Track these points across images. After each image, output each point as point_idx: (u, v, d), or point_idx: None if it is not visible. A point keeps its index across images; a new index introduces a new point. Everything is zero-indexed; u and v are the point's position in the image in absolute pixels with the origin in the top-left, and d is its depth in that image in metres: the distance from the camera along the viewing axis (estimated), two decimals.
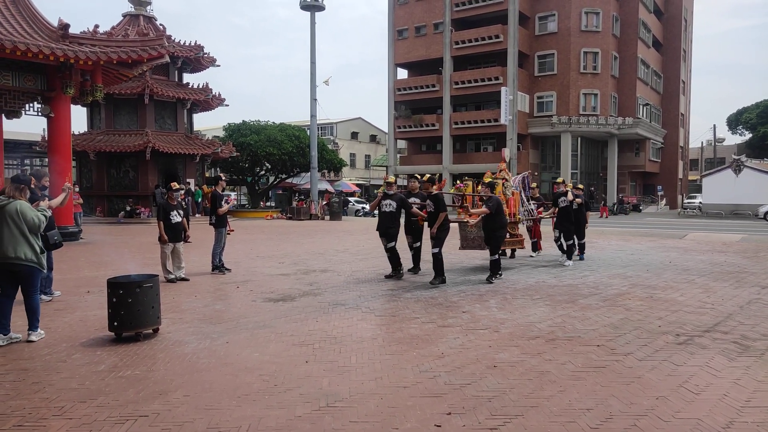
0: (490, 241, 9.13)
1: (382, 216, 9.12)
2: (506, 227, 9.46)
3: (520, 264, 11.21)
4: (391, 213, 9.03)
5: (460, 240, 10.63)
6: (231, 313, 6.75)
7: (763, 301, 7.44)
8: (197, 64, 29.98)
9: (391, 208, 9.03)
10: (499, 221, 9.07)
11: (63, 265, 10.57)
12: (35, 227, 5.43)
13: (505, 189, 10.75)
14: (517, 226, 11.41)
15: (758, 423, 3.54)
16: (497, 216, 8.98)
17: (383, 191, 9.32)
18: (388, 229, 9.11)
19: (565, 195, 10.99)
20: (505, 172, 11.17)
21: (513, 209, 10.98)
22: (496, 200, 9.07)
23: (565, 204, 10.95)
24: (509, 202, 10.80)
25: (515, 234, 11.22)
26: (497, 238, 9.07)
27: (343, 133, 61.90)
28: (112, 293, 5.40)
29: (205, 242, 13.47)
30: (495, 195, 9.37)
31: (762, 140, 54.69)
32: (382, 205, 9.10)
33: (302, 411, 3.73)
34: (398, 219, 9.09)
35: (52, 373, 4.52)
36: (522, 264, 11.22)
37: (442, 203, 8.76)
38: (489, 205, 8.99)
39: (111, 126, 27.32)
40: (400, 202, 9.05)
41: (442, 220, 8.62)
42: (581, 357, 4.91)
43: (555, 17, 42.63)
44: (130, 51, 16.02)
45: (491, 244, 9.13)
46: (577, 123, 41.26)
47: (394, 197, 9.10)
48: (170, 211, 9.03)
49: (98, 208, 27.04)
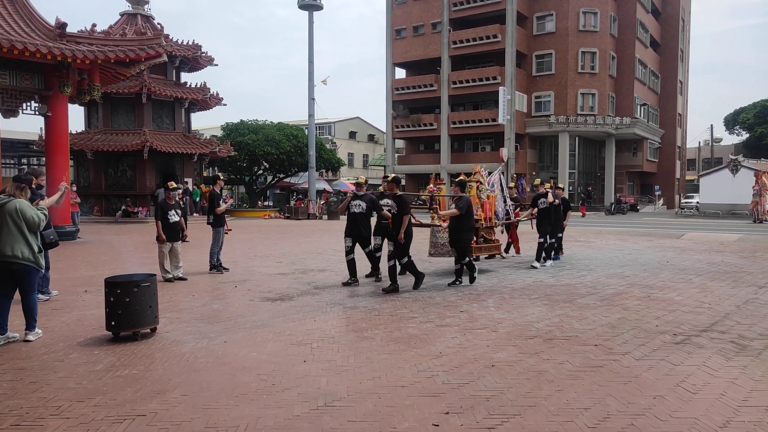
0: (456, 245, 8.50)
1: (352, 218, 8.62)
2: (473, 230, 8.80)
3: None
4: (362, 214, 8.54)
5: (430, 247, 10.29)
6: (229, 312, 6.74)
7: (760, 300, 7.46)
8: (195, 63, 29.96)
9: (360, 209, 8.53)
10: (467, 223, 8.46)
11: (60, 265, 10.55)
12: (35, 226, 5.42)
13: (479, 192, 10.16)
14: (494, 231, 10.64)
15: (755, 422, 3.55)
16: (466, 218, 8.39)
17: (353, 192, 8.91)
18: (359, 232, 8.61)
19: (545, 196, 10.53)
20: (480, 174, 10.45)
21: (489, 213, 10.28)
22: (466, 200, 8.51)
23: (545, 206, 10.53)
24: (484, 206, 10.19)
25: (491, 239, 10.44)
26: (463, 241, 8.44)
27: (341, 132, 61.87)
28: (109, 292, 5.39)
29: (202, 242, 13.46)
30: (465, 195, 8.80)
31: (759, 140, 54.83)
32: (352, 206, 8.62)
33: (300, 410, 3.73)
34: (369, 221, 8.61)
35: (49, 373, 4.51)
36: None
37: (406, 205, 8.11)
38: (459, 205, 8.40)
39: (108, 125, 27.29)
40: (370, 203, 8.53)
41: (406, 223, 7.97)
42: (579, 356, 4.92)
43: (553, 17, 42.68)
44: (128, 50, 16.00)
45: (457, 248, 8.52)
46: (574, 123, 41.31)
47: (364, 198, 8.63)
48: (168, 211, 9.02)
49: (96, 207, 27.01)
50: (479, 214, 9.87)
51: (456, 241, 8.47)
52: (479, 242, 9.97)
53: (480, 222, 9.88)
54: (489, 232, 10.38)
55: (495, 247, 10.55)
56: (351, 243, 8.62)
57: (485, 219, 10.11)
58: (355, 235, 8.62)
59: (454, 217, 8.40)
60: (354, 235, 8.62)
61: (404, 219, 7.95)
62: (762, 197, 28.20)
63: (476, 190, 10.03)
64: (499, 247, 10.69)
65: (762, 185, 28.45)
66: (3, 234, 5.28)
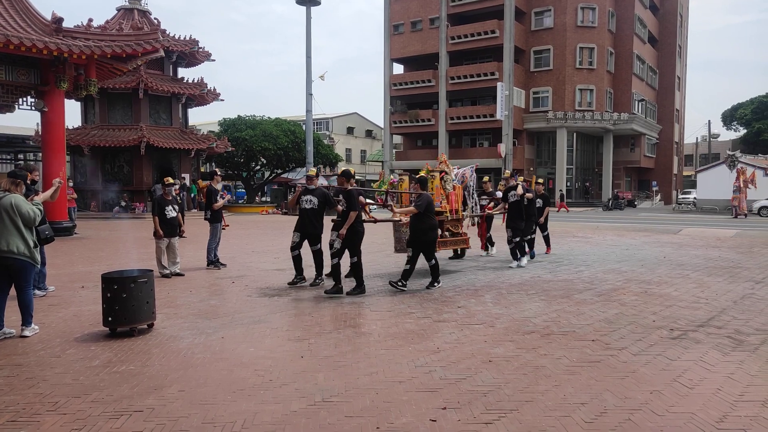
0: (416, 245, 7.82)
1: (302, 213, 8.02)
2: (437, 228, 8.16)
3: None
4: (312, 210, 7.95)
5: (395, 242, 9.84)
6: (226, 308, 6.73)
7: (757, 296, 7.48)
8: (192, 58, 29.86)
9: (312, 205, 7.94)
10: (428, 222, 7.80)
11: (57, 260, 10.53)
12: (30, 221, 5.41)
13: (444, 183, 9.52)
14: (460, 224, 9.98)
15: (751, 417, 3.56)
16: (426, 216, 7.76)
17: (303, 185, 8.29)
18: (309, 230, 7.99)
19: (515, 189, 10.05)
20: (445, 164, 9.83)
21: (455, 205, 9.70)
22: (425, 198, 7.87)
23: (515, 199, 9.99)
24: (450, 197, 9.58)
25: (458, 233, 9.85)
26: (426, 242, 7.83)
27: (338, 128, 61.79)
28: (106, 288, 5.37)
29: (200, 237, 13.44)
30: (426, 192, 8.19)
31: (756, 136, 54.89)
32: (302, 201, 8.03)
33: (298, 406, 3.73)
34: (321, 217, 8.06)
35: (46, 369, 4.50)
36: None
37: (354, 201, 7.47)
38: (417, 203, 7.81)
39: (105, 121, 27.20)
40: (322, 198, 7.98)
41: (352, 220, 7.36)
42: (576, 352, 4.92)
43: (551, 13, 42.62)
44: (125, 45, 15.92)
45: (422, 249, 7.86)
46: (572, 118, 41.32)
47: (315, 192, 8.02)
48: (165, 206, 8.99)
49: (92, 203, 26.94)
50: (443, 206, 9.32)
51: (416, 242, 7.81)
52: (444, 236, 9.44)
53: (445, 214, 9.36)
54: (455, 225, 9.79)
55: (462, 240, 9.96)
56: (298, 239, 8.06)
57: (451, 211, 9.55)
58: (303, 231, 8.05)
59: (414, 216, 7.84)
60: (302, 231, 8.06)
61: (350, 215, 7.36)
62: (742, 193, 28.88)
63: (440, 181, 9.44)
64: (467, 241, 10.08)
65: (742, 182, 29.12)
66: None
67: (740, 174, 29.94)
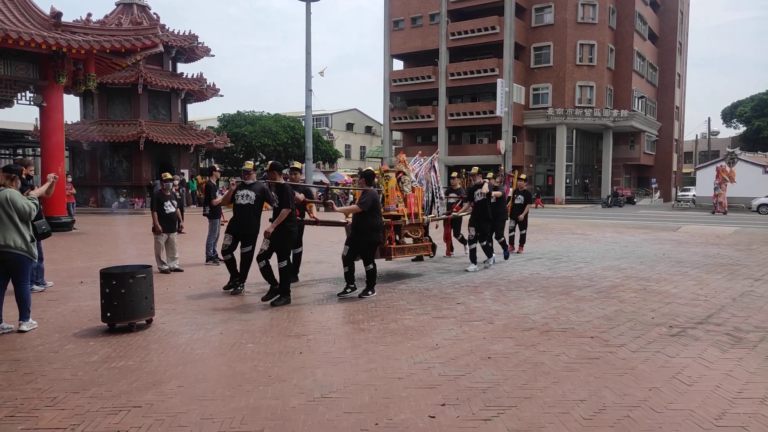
0: (354, 245, 7.10)
1: (237, 210, 7.23)
2: (380, 229, 7.35)
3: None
4: (248, 207, 7.18)
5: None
6: (225, 303, 6.73)
7: (756, 293, 7.49)
8: (191, 53, 29.76)
9: (248, 201, 7.18)
10: (371, 222, 7.03)
11: (56, 256, 10.52)
12: (26, 215, 5.39)
13: (402, 184, 8.75)
14: (421, 228, 9.02)
15: (750, 414, 3.56)
16: (370, 215, 7.01)
17: (238, 180, 7.53)
18: (244, 229, 7.21)
19: (481, 187, 9.37)
20: (404, 164, 9.11)
21: (414, 208, 8.82)
22: (370, 195, 7.09)
23: (481, 198, 9.33)
24: (408, 199, 8.78)
25: (419, 238, 8.94)
26: (366, 243, 7.07)
27: (338, 124, 61.74)
28: (105, 284, 5.37)
29: (198, 233, 13.41)
30: (371, 189, 7.30)
31: (756, 133, 54.86)
32: (237, 197, 7.25)
33: (296, 402, 3.73)
34: (258, 216, 7.28)
35: (44, 364, 4.49)
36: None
37: (287, 197, 6.65)
38: (361, 201, 7.11)
39: (104, 116, 27.14)
40: (261, 193, 7.23)
41: (284, 218, 6.59)
42: (575, 348, 4.92)
43: (551, 9, 42.49)
44: (124, 40, 15.88)
45: (360, 251, 7.12)
46: (572, 115, 41.27)
47: (253, 187, 7.25)
48: (164, 202, 8.98)
49: (91, 198, 26.91)
50: (400, 209, 8.55)
51: (356, 242, 7.10)
52: (403, 242, 8.64)
53: (403, 218, 8.54)
54: (415, 230, 8.87)
55: (423, 247, 8.98)
56: (231, 241, 7.31)
57: (410, 215, 8.70)
58: (236, 231, 7.28)
59: (356, 215, 7.14)
60: (235, 231, 7.28)
61: (281, 213, 6.60)
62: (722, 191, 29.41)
63: (396, 182, 8.66)
64: (428, 248, 9.11)
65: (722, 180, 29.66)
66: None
67: (720, 172, 30.43)
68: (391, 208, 8.47)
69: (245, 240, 7.28)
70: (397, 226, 8.49)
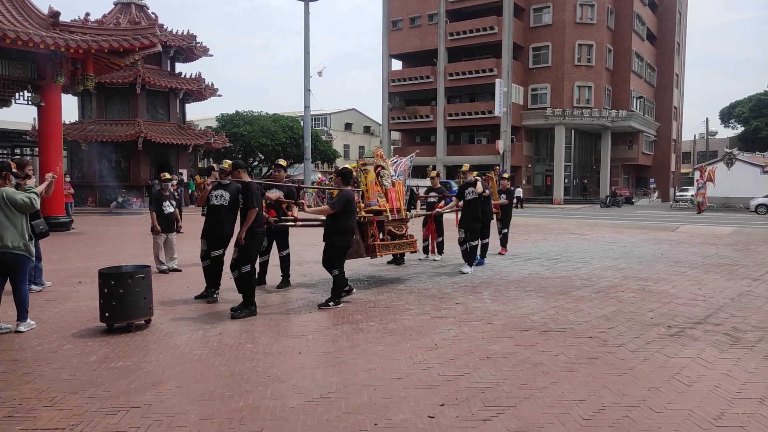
0: (324, 250, 6.71)
1: (210, 211, 6.75)
2: (353, 233, 6.97)
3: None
4: (222, 208, 6.65)
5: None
6: (224, 304, 6.71)
7: (754, 293, 7.50)
8: (190, 53, 29.73)
9: (222, 201, 6.67)
10: (343, 225, 6.64)
11: (54, 256, 10.50)
12: (28, 207, 5.34)
13: (381, 179, 8.36)
14: (404, 224, 8.64)
15: (749, 414, 3.56)
16: (342, 218, 6.61)
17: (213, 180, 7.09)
18: (215, 230, 6.75)
19: (474, 185, 9.02)
20: (381, 158, 8.64)
21: (396, 203, 8.44)
22: (344, 195, 6.65)
23: (473, 197, 9.00)
24: (389, 194, 8.38)
25: (402, 234, 8.52)
26: (334, 247, 6.63)
27: (336, 124, 61.73)
28: (103, 284, 5.35)
29: (197, 233, 13.37)
30: (346, 189, 6.81)
31: (754, 134, 54.97)
32: (212, 197, 6.75)
33: (295, 402, 3.73)
34: (232, 218, 6.75)
35: (42, 364, 4.48)
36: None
37: (251, 197, 6.22)
38: (333, 201, 6.76)
39: (102, 115, 27.11)
40: (236, 194, 6.59)
41: (251, 220, 6.18)
42: (574, 348, 4.92)
43: (550, 9, 42.55)
44: (122, 39, 15.85)
45: (329, 254, 6.67)
46: (570, 115, 41.32)
47: (229, 187, 6.69)
48: (162, 202, 8.98)
49: (90, 198, 26.87)
50: (381, 204, 8.18)
51: (326, 246, 6.69)
52: (385, 239, 8.20)
53: (385, 213, 8.16)
54: (398, 226, 8.48)
55: (408, 243, 8.60)
56: (207, 246, 6.89)
57: (392, 210, 8.30)
58: (208, 235, 6.87)
59: (327, 217, 6.75)
60: (208, 235, 6.88)
61: (249, 214, 6.18)
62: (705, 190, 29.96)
63: (375, 176, 8.26)
64: (413, 244, 8.71)
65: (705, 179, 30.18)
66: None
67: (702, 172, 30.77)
68: (372, 203, 8.09)
69: (217, 243, 6.82)
70: (380, 222, 8.10)
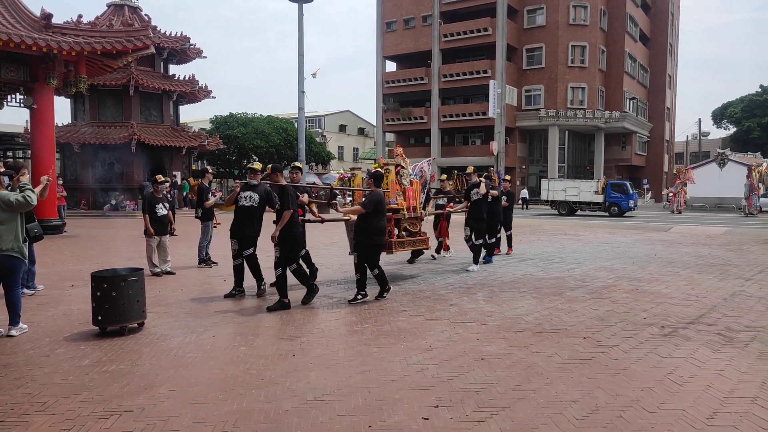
0: (358, 249, 6.98)
1: (239, 212, 7.03)
2: (383, 232, 7.18)
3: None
4: (251, 209, 6.95)
5: (349, 243, 8.68)
6: (217, 306, 6.70)
7: (747, 293, 7.54)
8: (183, 55, 29.66)
9: (251, 202, 6.95)
10: (374, 225, 6.87)
11: (47, 259, 10.44)
12: (24, 205, 5.28)
13: (400, 177, 8.72)
14: (419, 222, 9.10)
15: (741, 413, 3.58)
16: (374, 217, 6.86)
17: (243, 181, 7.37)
18: (245, 230, 7.00)
19: (478, 186, 9.49)
20: (401, 158, 9.09)
21: (412, 202, 8.86)
22: (375, 197, 6.94)
23: (478, 197, 9.46)
24: (406, 193, 8.77)
25: (416, 232, 8.98)
26: (367, 246, 6.89)
27: (331, 125, 61.69)
28: (96, 287, 5.32)
29: (191, 235, 13.36)
30: (378, 190, 7.16)
31: (746, 134, 55.37)
32: (240, 198, 7.02)
33: (290, 405, 3.71)
34: (260, 218, 7.13)
35: (34, 368, 4.45)
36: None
37: (288, 199, 6.60)
38: (364, 202, 6.99)
39: (96, 118, 26.98)
40: (264, 194, 6.99)
41: (285, 221, 6.54)
42: (568, 349, 4.93)
43: (543, 11, 42.72)
44: (115, 41, 15.79)
45: (364, 254, 6.92)
46: (564, 116, 41.46)
47: (257, 189, 7.02)
48: (156, 204, 8.94)
49: (82, 201, 26.73)
50: (400, 202, 8.53)
51: (359, 245, 6.96)
52: (401, 236, 8.65)
53: (402, 212, 8.56)
54: (413, 224, 8.93)
55: (421, 240, 9.08)
56: (237, 245, 7.16)
57: (408, 208, 8.70)
58: (238, 235, 7.10)
59: (358, 217, 7.00)
60: (237, 235, 7.11)
61: (283, 215, 6.55)
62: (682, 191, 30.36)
63: (395, 175, 8.59)
64: (426, 241, 9.20)
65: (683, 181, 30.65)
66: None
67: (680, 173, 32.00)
68: (392, 201, 8.42)
69: (245, 242, 7.07)
70: (397, 220, 8.51)
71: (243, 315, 6.25)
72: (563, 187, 30.04)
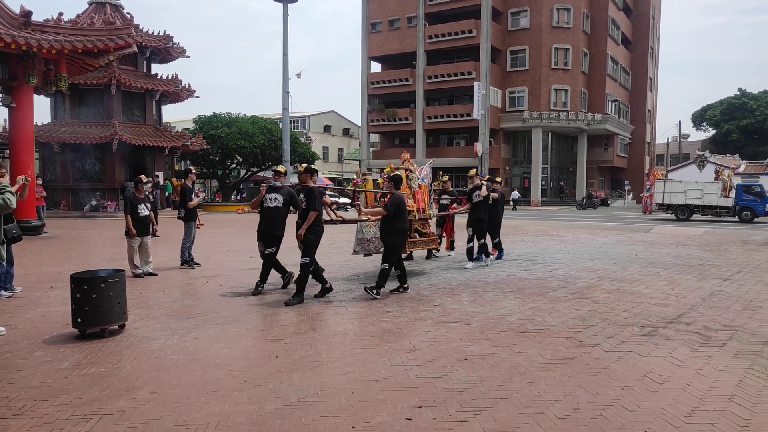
0: (384, 247, 7.59)
1: (265, 213, 7.35)
2: (405, 233, 7.72)
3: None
4: (276, 210, 7.28)
5: (354, 243, 9.06)
6: (200, 308, 6.64)
7: (725, 292, 7.67)
8: (166, 54, 29.38)
9: (276, 203, 7.28)
10: (396, 226, 7.37)
11: (25, 260, 10.26)
12: (2, 208, 5.23)
13: (410, 181, 9.12)
14: (428, 223, 9.61)
15: (719, 411, 3.64)
16: (395, 219, 7.34)
17: (267, 183, 7.67)
18: (271, 230, 7.32)
19: (479, 189, 9.84)
20: (409, 162, 9.55)
21: (422, 204, 9.33)
22: (395, 199, 7.41)
23: (479, 199, 9.82)
24: (416, 195, 9.19)
25: (426, 233, 9.45)
26: (388, 245, 7.41)
27: (315, 126, 61.53)
28: (75, 289, 5.24)
29: (173, 236, 13.24)
30: (398, 192, 7.65)
31: (725, 137, 56.39)
32: (266, 200, 7.36)
33: (273, 406, 3.70)
34: (284, 219, 7.40)
35: (12, 371, 4.38)
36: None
37: (315, 200, 6.98)
38: (386, 205, 7.46)
39: (76, 117, 26.60)
40: (288, 197, 7.31)
41: (312, 220, 6.91)
42: (550, 349, 4.98)
43: (527, 13, 43.09)
44: (96, 40, 15.58)
45: (383, 251, 7.59)
46: (548, 118, 41.85)
47: (281, 191, 7.35)
48: (138, 205, 8.84)
49: (62, 201, 26.34)
50: (410, 204, 8.85)
51: (383, 243, 7.59)
52: (413, 237, 9.08)
53: (412, 213, 8.94)
54: (423, 225, 9.45)
55: (431, 240, 9.70)
56: (264, 247, 7.49)
57: (418, 210, 9.17)
58: (264, 235, 7.41)
59: (383, 218, 7.51)
60: (263, 235, 7.42)
61: (310, 215, 6.92)
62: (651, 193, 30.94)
63: (406, 180, 8.95)
64: (435, 241, 9.90)
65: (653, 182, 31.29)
66: None
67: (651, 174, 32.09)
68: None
69: (270, 241, 7.41)
70: (409, 222, 8.78)
71: (225, 317, 6.20)
72: (683, 189, 26.33)
